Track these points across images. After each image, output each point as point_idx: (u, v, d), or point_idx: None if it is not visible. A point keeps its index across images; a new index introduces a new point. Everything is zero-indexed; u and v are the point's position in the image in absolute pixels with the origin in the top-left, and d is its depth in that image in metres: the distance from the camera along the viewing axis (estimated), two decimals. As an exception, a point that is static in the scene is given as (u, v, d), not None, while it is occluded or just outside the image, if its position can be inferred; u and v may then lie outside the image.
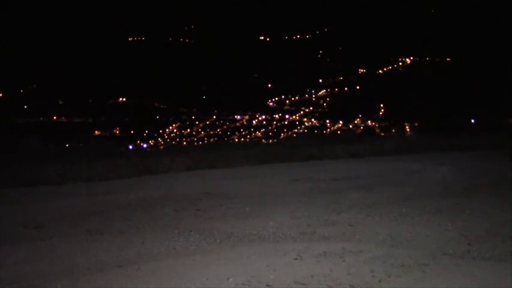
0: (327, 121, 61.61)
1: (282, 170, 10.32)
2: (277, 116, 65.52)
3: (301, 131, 54.27)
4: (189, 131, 61.55)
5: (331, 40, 79.47)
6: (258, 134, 59.67)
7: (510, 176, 8.37)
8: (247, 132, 60.69)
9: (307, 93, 70.24)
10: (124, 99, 67.25)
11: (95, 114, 61.91)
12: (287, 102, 68.74)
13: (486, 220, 5.54)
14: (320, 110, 66.31)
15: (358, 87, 69.38)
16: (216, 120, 64.18)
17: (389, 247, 4.65)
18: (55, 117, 61.53)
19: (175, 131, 61.82)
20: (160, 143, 54.75)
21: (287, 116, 65.46)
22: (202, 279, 3.87)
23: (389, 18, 79.47)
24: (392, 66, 73.48)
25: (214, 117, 64.52)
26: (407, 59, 74.02)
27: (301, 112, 66.12)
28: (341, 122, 60.20)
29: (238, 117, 65.09)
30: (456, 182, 8.29)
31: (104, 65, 71.12)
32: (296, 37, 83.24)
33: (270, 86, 71.43)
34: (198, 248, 4.83)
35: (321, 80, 71.76)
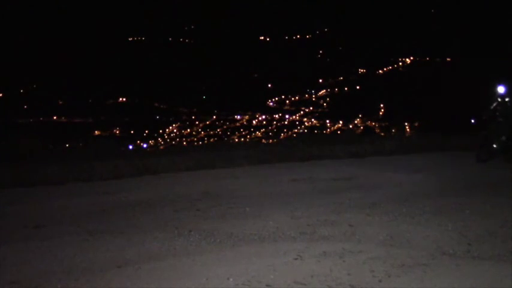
0: (327, 121, 61.59)
1: (281, 170, 10.30)
2: (277, 116, 65.49)
3: (301, 131, 54.16)
4: (189, 131, 61.52)
5: (331, 40, 79.43)
6: (258, 134, 59.63)
7: (510, 176, 8.37)
8: (247, 132, 60.64)
9: (307, 93, 70.22)
10: (124, 99, 67.25)
11: (95, 114, 61.90)
12: (287, 102, 68.72)
13: (486, 220, 5.55)
14: (320, 110, 66.30)
15: (358, 87, 69.34)
16: (216, 120, 64.16)
17: (389, 247, 4.65)
18: (55, 117, 61.51)
19: (175, 131, 61.80)
20: (160, 143, 54.67)
21: (287, 116, 65.43)
22: (202, 279, 3.87)
23: (389, 18, 79.45)
24: (392, 66, 73.44)
25: (214, 117, 64.49)
26: (407, 59, 73.99)
27: (301, 112, 66.11)
28: (341, 122, 60.17)
29: (238, 117, 65.07)
30: (456, 182, 8.29)
31: (104, 65, 71.05)
32: (296, 37, 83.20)
33: (270, 86, 71.43)
34: (197, 248, 4.83)
35: (321, 80, 71.74)
